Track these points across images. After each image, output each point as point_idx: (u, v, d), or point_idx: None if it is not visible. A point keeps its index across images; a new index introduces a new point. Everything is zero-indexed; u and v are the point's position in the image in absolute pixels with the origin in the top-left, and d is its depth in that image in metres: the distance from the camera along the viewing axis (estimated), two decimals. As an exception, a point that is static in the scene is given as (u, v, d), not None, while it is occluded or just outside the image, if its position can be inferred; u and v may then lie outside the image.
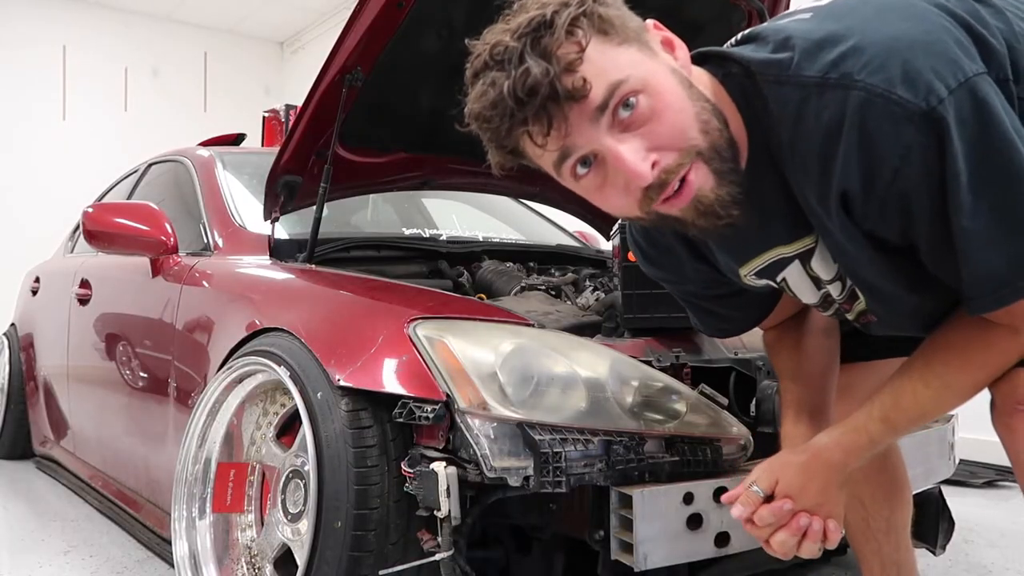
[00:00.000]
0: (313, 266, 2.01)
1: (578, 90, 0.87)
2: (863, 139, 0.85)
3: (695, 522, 1.35)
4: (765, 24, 1.01)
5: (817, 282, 1.10)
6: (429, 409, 1.32)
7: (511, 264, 2.37)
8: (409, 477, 1.34)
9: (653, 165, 0.90)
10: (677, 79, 0.92)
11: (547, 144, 0.91)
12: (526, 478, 1.29)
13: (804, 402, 1.21)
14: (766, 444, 1.46)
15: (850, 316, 1.14)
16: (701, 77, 0.97)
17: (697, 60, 1.00)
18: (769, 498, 1.07)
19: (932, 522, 1.85)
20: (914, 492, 1.51)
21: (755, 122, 0.96)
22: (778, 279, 1.11)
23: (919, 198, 0.86)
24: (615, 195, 0.95)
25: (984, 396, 1.03)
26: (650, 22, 0.96)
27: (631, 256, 1.65)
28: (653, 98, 0.89)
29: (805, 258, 1.07)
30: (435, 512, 1.30)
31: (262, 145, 3.72)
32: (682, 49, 0.96)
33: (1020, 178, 0.83)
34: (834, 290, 1.10)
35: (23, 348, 3.69)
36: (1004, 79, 0.88)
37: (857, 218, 0.91)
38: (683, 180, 0.91)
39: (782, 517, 1.05)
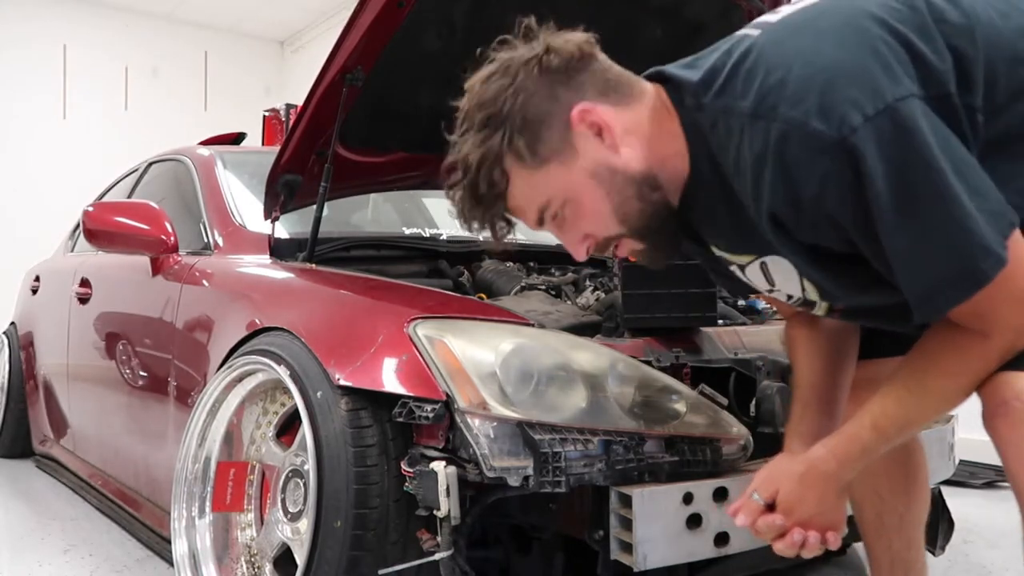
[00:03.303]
0: (313, 265, 2.01)
1: (515, 212, 1.09)
2: (784, 169, 0.91)
3: (695, 522, 1.35)
4: (727, 40, 1.05)
5: (759, 286, 1.16)
6: (429, 409, 1.33)
7: (511, 264, 2.37)
8: (409, 476, 1.34)
9: (587, 249, 1.11)
10: (596, 180, 1.05)
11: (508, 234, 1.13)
12: (526, 478, 1.29)
13: (813, 394, 1.25)
14: (766, 444, 1.46)
15: (818, 312, 1.17)
16: (638, 121, 1.06)
17: (658, 78, 1.08)
18: (772, 506, 1.11)
19: (932, 522, 1.84)
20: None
21: (702, 148, 1.04)
22: (730, 268, 1.18)
23: (845, 219, 0.92)
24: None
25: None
26: (576, 112, 1.03)
27: (631, 256, 1.65)
28: (574, 207, 1.06)
29: (741, 269, 1.15)
30: (435, 512, 1.30)
31: (262, 144, 3.72)
32: (609, 132, 1.04)
33: (941, 196, 0.87)
34: (779, 296, 1.16)
35: (23, 347, 3.69)
36: (944, 94, 0.92)
37: (796, 235, 0.98)
38: (616, 247, 1.11)
39: (777, 529, 1.11)
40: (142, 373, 2.33)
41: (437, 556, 1.31)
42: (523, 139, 1.02)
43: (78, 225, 3.33)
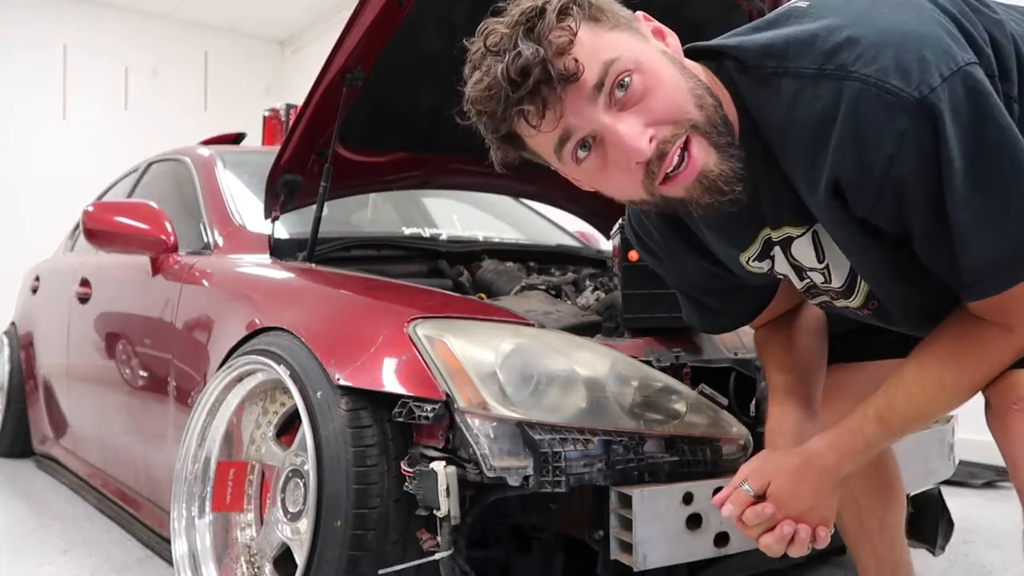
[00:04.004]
0: (313, 265, 2.01)
1: (570, 71, 0.90)
2: (858, 128, 0.86)
3: (694, 522, 1.35)
4: (764, 18, 1.02)
5: (799, 270, 1.11)
6: (429, 408, 1.32)
7: (511, 264, 2.37)
8: (409, 476, 1.34)
9: (650, 140, 0.92)
10: (668, 59, 0.95)
11: (542, 126, 0.93)
12: (526, 478, 1.29)
13: (790, 395, 1.21)
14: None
15: (851, 303, 1.12)
16: (694, 66, 0.99)
17: (690, 55, 1.02)
18: (760, 498, 1.08)
19: (932, 522, 1.85)
20: (914, 493, 1.52)
21: (745, 109, 0.98)
22: (770, 254, 1.12)
23: (914, 185, 0.88)
24: (618, 175, 0.96)
25: (981, 397, 1.03)
26: (639, 13, 0.99)
27: (631, 256, 1.65)
28: (646, 75, 0.92)
29: (786, 245, 1.08)
30: (435, 511, 1.30)
31: (262, 144, 3.71)
32: (672, 37, 0.99)
33: (1014, 162, 0.85)
34: (816, 278, 1.10)
35: (23, 346, 3.69)
36: (991, 75, 0.90)
37: (851, 206, 0.93)
38: (688, 154, 0.93)
39: (766, 520, 1.06)
40: (142, 373, 2.33)
41: (437, 556, 1.31)
42: (597, 4, 0.94)
43: (78, 225, 3.34)
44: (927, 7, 0.90)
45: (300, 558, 1.42)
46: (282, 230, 2.22)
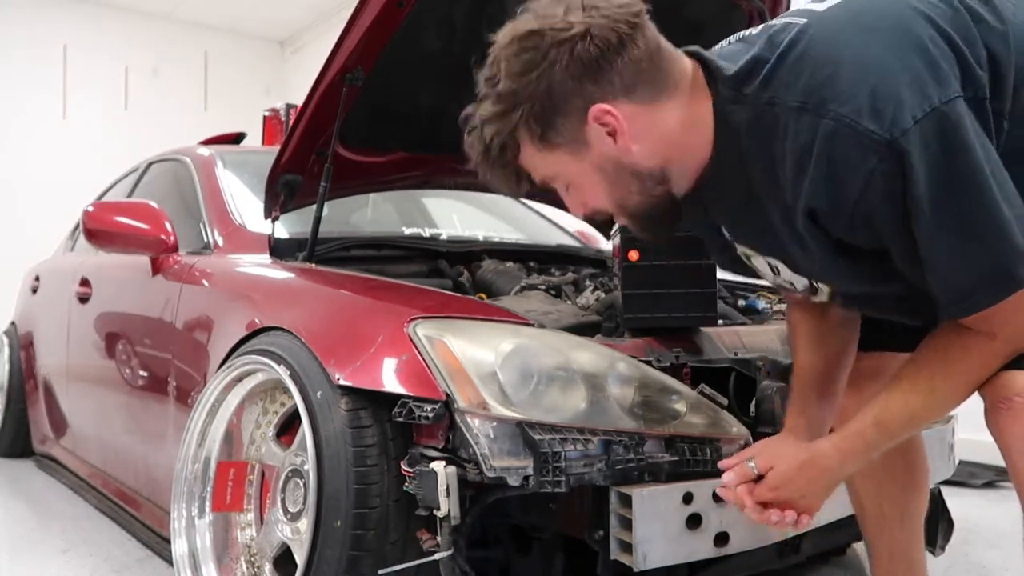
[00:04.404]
0: (313, 265, 2.01)
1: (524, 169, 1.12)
2: (830, 165, 0.92)
3: (694, 522, 1.35)
4: (767, 27, 1.04)
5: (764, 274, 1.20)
6: (429, 408, 1.33)
7: (511, 264, 2.37)
8: (409, 476, 1.34)
9: (585, 215, 1.16)
10: (602, 174, 1.07)
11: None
12: (526, 478, 1.29)
13: (812, 384, 1.27)
14: (766, 444, 1.46)
15: (819, 299, 1.19)
16: (661, 117, 1.04)
17: (696, 56, 1.07)
18: (761, 477, 1.15)
19: (932, 522, 1.85)
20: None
21: (729, 140, 1.03)
22: (738, 251, 1.20)
23: (883, 218, 0.93)
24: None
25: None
26: (595, 112, 1.02)
27: (631, 256, 1.65)
28: (577, 188, 1.11)
29: (747, 257, 1.18)
30: (435, 511, 1.30)
31: (262, 144, 3.72)
32: (623, 136, 1.04)
33: (981, 201, 0.88)
34: (782, 283, 1.19)
35: (23, 346, 3.69)
36: (981, 97, 0.93)
37: (826, 229, 0.98)
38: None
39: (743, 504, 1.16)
40: (142, 373, 2.33)
41: (437, 556, 1.31)
42: (538, 125, 1.04)
43: (78, 225, 3.33)
44: (920, 31, 0.92)
45: (300, 558, 1.42)
46: (282, 230, 2.22)
